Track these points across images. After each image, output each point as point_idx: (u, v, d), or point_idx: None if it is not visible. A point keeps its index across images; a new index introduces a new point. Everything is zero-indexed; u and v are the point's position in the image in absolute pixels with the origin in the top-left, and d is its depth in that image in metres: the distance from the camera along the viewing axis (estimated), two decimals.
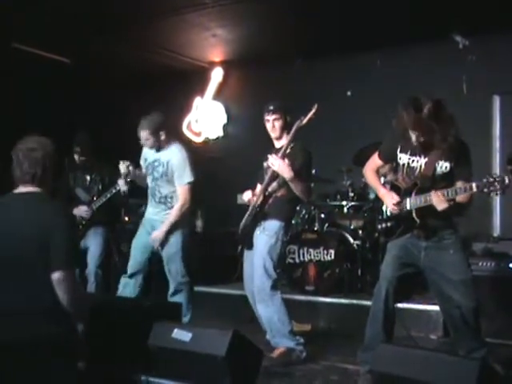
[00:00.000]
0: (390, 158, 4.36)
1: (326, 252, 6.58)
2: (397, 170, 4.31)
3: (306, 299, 6.39)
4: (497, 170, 7.06)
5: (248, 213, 5.00)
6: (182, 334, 3.91)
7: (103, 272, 6.43)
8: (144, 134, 5.37)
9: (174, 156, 5.38)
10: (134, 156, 5.75)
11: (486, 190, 3.69)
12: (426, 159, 4.08)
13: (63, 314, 3.29)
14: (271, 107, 4.95)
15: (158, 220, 5.47)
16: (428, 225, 4.09)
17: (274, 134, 5.00)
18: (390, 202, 4.19)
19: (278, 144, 5.02)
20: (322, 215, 7.08)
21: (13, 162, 3.44)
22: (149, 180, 5.55)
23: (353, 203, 6.95)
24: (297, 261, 6.67)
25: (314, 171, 5.69)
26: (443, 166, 4.05)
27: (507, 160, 6.61)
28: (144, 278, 5.57)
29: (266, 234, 4.85)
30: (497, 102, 7.33)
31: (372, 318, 4.29)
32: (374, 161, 4.48)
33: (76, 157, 6.47)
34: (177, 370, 3.95)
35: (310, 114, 4.73)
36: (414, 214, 4.06)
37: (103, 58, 8.63)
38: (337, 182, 7.14)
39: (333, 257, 6.55)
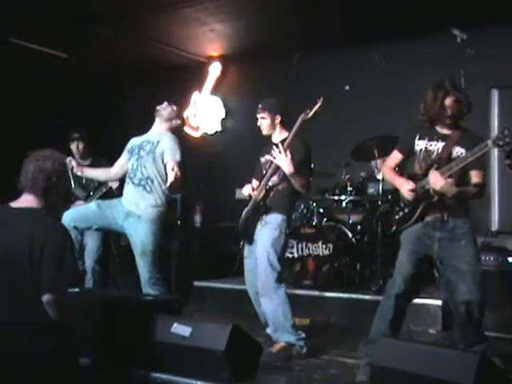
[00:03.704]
0: (408, 149, 4.36)
1: (324, 246, 6.58)
2: (414, 157, 4.31)
3: (304, 293, 6.39)
4: (495, 163, 7.06)
5: (248, 207, 5.01)
6: (181, 329, 3.92)
7: (101, 267, 6.43)
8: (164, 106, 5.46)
9: (165, 137, 5.25)
10: None
11: (501, 142, 3.76)
12: (443, 143, 4.18)
13: (51, 332, 3.31)
14: (259, 105, 5.04)
15: (133, 213, 5.17)
16: (445, 203, 4.12)
17: (262, 131, 5.06)
18: (405, 187, 4.21)
19: (274, 139, 5.03)
20: (321, 210, 7.07)
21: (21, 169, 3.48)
22: (131, 162, 5.30)
23: (351, 198, 6.94)
24: (295, 255, 6.66)
25: (312, 165, 5.69)
26: (459, 152, 4.13)
27: (506, 155, 6.60)
28: None
29: (269, 228, 4.85)
30: (495, 95, 7.32)
31: (381, 314, 4.31)
32: (393, 157, 4.49)
33: (76, 152, 6.50)
34: (176, 364, 3.95)
35: (315, 107, 4.72)
36: (431, 192, 4.10)
37: (100, 54, 8.61)
38: (335, 177, 7.14)
39: (331, 251, 6.55)
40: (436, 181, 4.01)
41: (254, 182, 5.14)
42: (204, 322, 4.09)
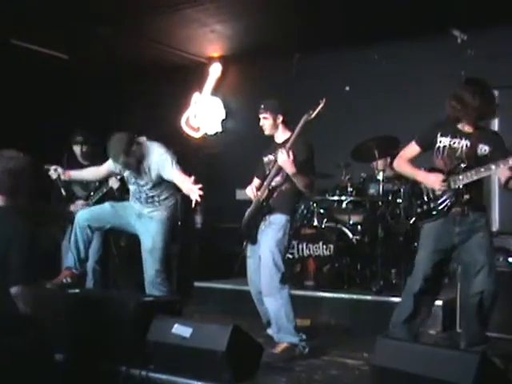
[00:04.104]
0: (428, 144, 4.43)
1: (325, 247, 6.58)
2: (436, 154, 4.39)
3: (305, 294, 6.37)
4: None
5: (251, 207, 5.01)
6: (182, 330, 3.92)
7: (101, 267, 6.43)
8: (120, 160, 5.19)
9: (153, 160, 5.26)
10: None
11: None
12: (467, 141, 4.28)
13: (23, 325, 3.36)
14: (261, 106, 5.04)
15: (145, 214, 5.36)
16: (473, 200, 4.25)
17: (265, 131, 5.06)
18: (436, 180, 4.27)
19: (277, 139, 5.04)
20: (321, 210, 7.06)
21: None
22: (131, 188, 5.46)
23: (352, 198, 6.93)
24: (296, 256, 6.65)
25: None
26: (483, 149, 4.27)
27: None
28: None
29: (273, 228, 4.85)
30: (496, 96, 7.31)
31: (399, 312, 4.38)
32: (409, 150, 4.53)
33: (79, 154, 6.54)
34: (177, 365, 3.96)
35: (318, 108, 4.72)
36: (463, 190, 4.22)
37: (100, 54, 8.61)
38: (335, 177, 7.13)
39: (332, 252, 6.54)
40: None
41: (256, 181, 5.15)
42: (205, 323, 4.10)
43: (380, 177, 6.58)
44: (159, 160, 5.25)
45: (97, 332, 4.32)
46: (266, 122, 5.02)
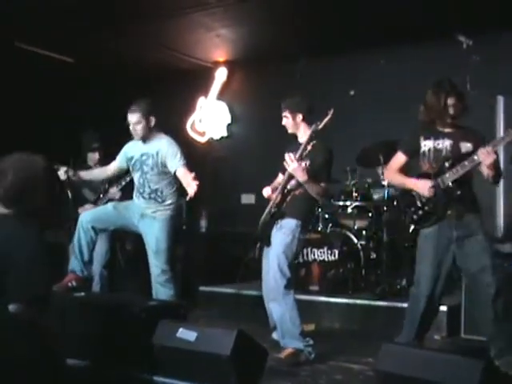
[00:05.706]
0: (413, 150, 4.47)
1: (329, 252, 6.59)
2: (422, 158, 4.43)
3: (310, 299, 6.39)
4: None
5: (267, 210, 5.00)
6: (186, 334, 3.93)
7: (108, 272, 6.43)
8: (135, 117, 5.32)
9: (162, 145, 5.29)
10: None
11: None
12: (450, 141, 4.33)
13: (24, 334, 3.15)
14: (282, 105, 5.04)
15: (148, 214, 5.33)
16: (465, 197, 4.29)
17: (288, 130, 5.06)
18: (424, 186, 4.30)
19: (300, 138, 5.02)
20: (326, 215, 7.07)
21: None
22: (136, 176, 5.43)
23: (357, 203, 6.95)
24: (300, 260, 6.65)
25: None
26: (465, 146, 4.31)
27: (510, 160, 6.62)
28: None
29: (283, 232, 4.85)
30: (501, 102, 7.32)
31: (410, 321, 4.38)
32: (396, 160, 4.58)
33: (96, 160, 6.57)
34: (181, 369, 3.96)
35: (325, 119, 4.74)
36: (453, 187, 4.24)
37: (106, 58, 8.64)
38: (341, 182, 7.13)
39: (337, 257, 6.55)
40: (488, 156, 4.12)
41: (280, 177, 5.13)
42: (209, 327, 4.11)
43: (385, 182, 6.58)
44: (169, 148, 5.27)
45: (101, 336, 4.33)
46: (286, 121, 5.01)
